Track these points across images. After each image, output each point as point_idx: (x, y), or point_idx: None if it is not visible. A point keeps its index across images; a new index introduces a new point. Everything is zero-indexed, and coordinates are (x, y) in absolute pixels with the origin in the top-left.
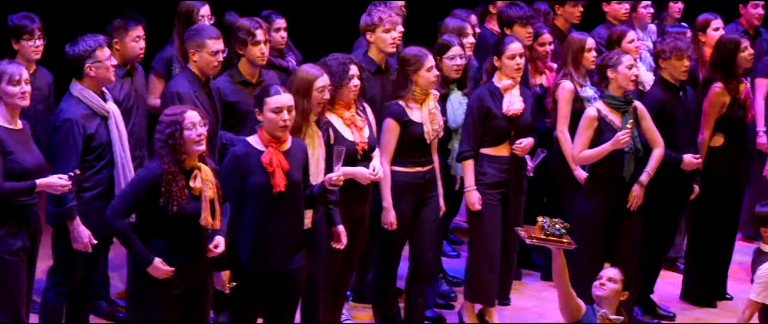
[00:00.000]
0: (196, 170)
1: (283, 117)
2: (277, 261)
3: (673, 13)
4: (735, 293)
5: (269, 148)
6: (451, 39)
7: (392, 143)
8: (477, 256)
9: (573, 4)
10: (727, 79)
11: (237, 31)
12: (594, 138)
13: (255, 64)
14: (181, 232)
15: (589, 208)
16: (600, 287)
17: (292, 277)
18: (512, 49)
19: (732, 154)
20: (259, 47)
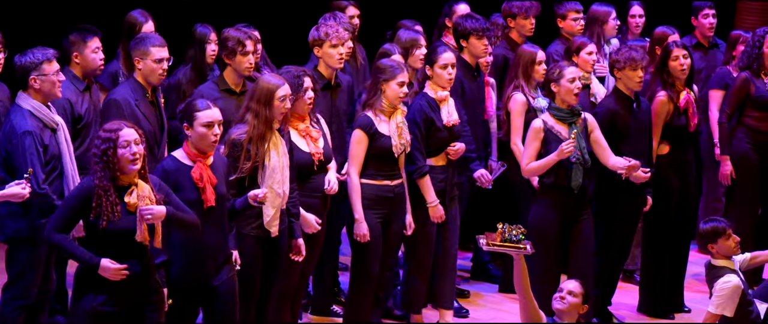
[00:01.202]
0: (133, 186)
1: (214, 131)
2: (210, 274)
3: (632, 28)
4: (693, 305)
5: (198, 162)
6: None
7: (361, 154)
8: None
9: (524, 17)
10: (666, 87)
11: (226, 41)
12: (542, 150)
13: (241, 74)
14: (117, 249)
15: (539, 218)
16: (560, 301)
17: (225, 288)
18: (445, 58)
19: (679, 163)
20: (248, 58)
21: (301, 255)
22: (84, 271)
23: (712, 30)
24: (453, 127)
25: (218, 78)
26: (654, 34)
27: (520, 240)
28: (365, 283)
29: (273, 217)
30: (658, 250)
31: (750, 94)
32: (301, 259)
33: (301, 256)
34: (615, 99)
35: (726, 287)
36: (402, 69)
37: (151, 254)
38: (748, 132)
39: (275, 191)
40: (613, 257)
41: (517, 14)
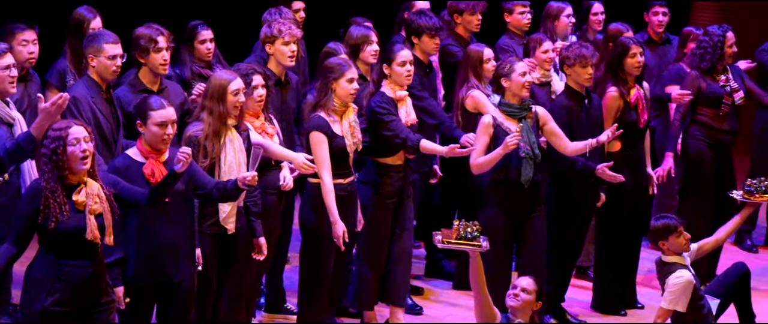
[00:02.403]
0: (81, 185)
1: (167, 131)
2: (166, 271)
3: (593, 24)
4: (646, 301)
5: (150, 159)
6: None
7: (327, 155)
8: (367, 262)
9: (471, 13)
10: (618, 83)
11: (138, 40)
12: (492, 146)
13: (157, 73)
14: (68, 248)
15: (489, 215)
16: (514, 298)
17: (182, 286)
18: (403, 56)
19: (630, 159)
20: (161, 54)
21: (263, 254)
22: (35, 271)
23: (662, 27)
24: (412, 126)
25: (133, 79)
26: (608, 30)
27: (475, 237)
28: (320, 281)
29: (229, 214)
30: (611, 246)
31: (701, 91)
32: (263, 258)
33: (263, 255)
34: (566, 96)
35: (678, 283)
36: (350, 65)
37: (103, 253)
38: (702, 129)
39: None
40: (566, 254)
41: (464, 10)
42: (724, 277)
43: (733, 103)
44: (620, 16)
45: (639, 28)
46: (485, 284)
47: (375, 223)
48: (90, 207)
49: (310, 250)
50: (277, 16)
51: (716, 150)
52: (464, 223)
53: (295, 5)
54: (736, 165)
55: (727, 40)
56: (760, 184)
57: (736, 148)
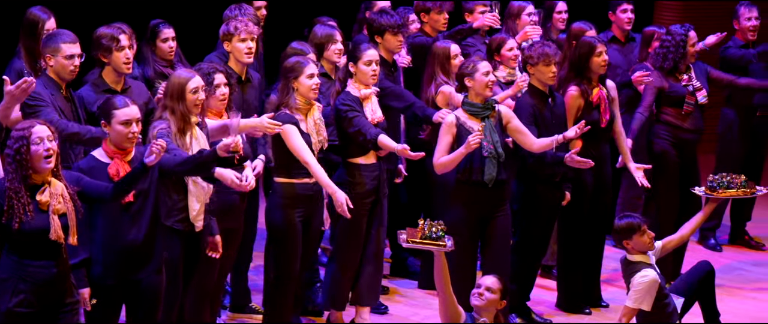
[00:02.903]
0: (45, 184)
1: (132, 129)
2: (131, 271)
3: (557, 23)
4: (611, 300)
5: (115, 159)
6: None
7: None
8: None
9: (438, 12)
10: (581, 82)
11: (100, 39)
12: (455, 145)
13: (120, 72)
14: (32, 249)
15: (454, 214)
16: (478, 297)
17: (149, 286)
18: (369, 55)
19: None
20: (124, 53)
21: (219, 252)
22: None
23: (631, 24)
24: (378, 124)
25: (97, 79)
26: (571, 29)
27: (440, 236)
28: (286, 281)
29: (199, 212)
30: (574, 245)
31: (664, 91)
32: (218, 255)
33: (218, 252)
34: (530, 94)
35: (643, 282)
36: (308, 62)
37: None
38: (666, 128)
39: (200, 185)
40: (531, 253)
41: (431, 9)
42: (688, 276)
43: (696, 102)
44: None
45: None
46: (450, 283)
47: (351, 224)
48: (54, 207)
49: (276, 250)
50: (237, 13)
51: (680, 149)
52: (429, 223)
53: (256, 3)
54: (701, 164)
55: (689, 40)
56: (722, 179)
57: (702, 146)
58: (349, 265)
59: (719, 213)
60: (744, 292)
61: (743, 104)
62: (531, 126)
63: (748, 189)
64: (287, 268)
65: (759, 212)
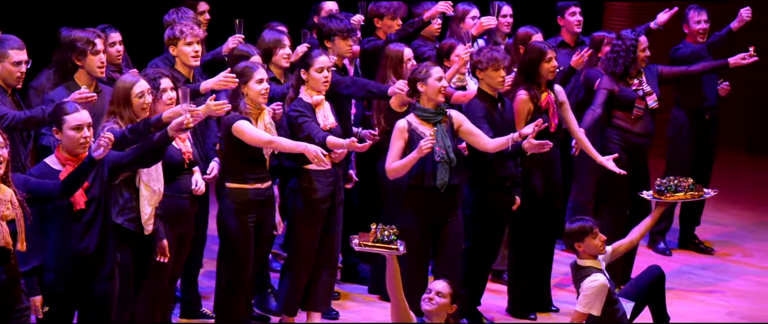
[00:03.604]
0: None
1: (84, 134)
2: (83, 278)
3: (502, 27)
4: (561, 304)
5: (67, 165)
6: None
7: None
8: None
9: (392, 18)
10: (530, 87)
11: (75, 42)
12: (407, 150)
13: (93, 75)
14: None
15: (405, 220)
16: (428, 302)
17: (101, 292)
18: (321, 61)
19: (541, 163)
20: (99, 57)
21: (166, 256)
22: None
23: (580, 27)
24: (330, 130)
25: (70, 81)
26: (518, 34)
27: (392, 240)
28: (238, 287)
29: (150, 215)
30: (524, 250)
31: (615, 95)
32: (166, 259)
33: (166, 257)
34: (479, 99)
35: (593, 286)
36: (257, 67)
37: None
38: (617, 132)
39: (151, 188)
40: (482, 258)
41: (384, 14)
42: (638, 280)
43: (646, 107)
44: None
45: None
46: (402, 288)
47: (306, 231)
48: (2, 213)
49: (228, 256)
50: (174, 17)
51: (631, 153)
52: (381, 227)
53: (200, 7)
54: (652, 168)
55: (639, 45)
56: (670, 183)
57: (653, 151)
58: (304, 272)
59: (669, 216)
60: (693, 296)
61: (693, 107)
62: (484, 125)
63: (696, 192)
64: (239, 273)
65: (708, 215)
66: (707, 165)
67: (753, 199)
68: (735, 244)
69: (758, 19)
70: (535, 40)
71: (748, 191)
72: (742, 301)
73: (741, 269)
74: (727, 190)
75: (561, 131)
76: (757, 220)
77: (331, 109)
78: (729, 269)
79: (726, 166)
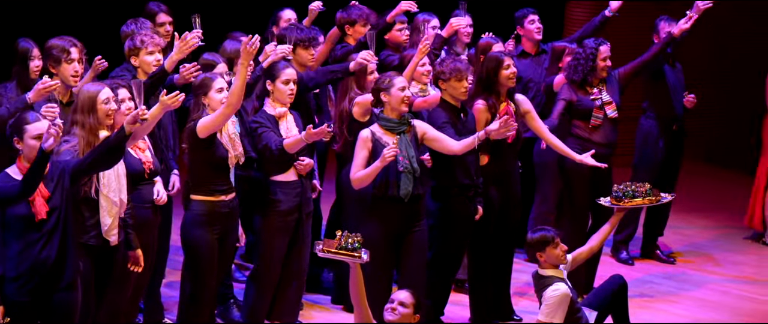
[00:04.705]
0: None
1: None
2: (44, 288)
3: (462, 37)
4: (523, 313)
5: None
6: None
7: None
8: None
9: (363, 24)
10: (488, 96)
11: (50, 50)
12: (371, 160)
13: (67, 84)
14: None
15: (369, 230)
16: (391, 312)
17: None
18: (287, 74)
19: (498, 173)
20: (73, 66)
21: (140, 265)
22: None
23: (540, 33)
24: None
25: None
26: (479, 44)
27: (356, 248)
28: (203, 298)
29: (111, 226)
30: (482, 260)
31: (573, 103)
32: (140, 269)
33: (139, 267)
34: (442, 109)
35: (555, 296)
36: (217, 77)
37: None
38: (576, 141)
39: (111, 200)
40: (445, 268)
41: (356, 21)
42: (601, 290)
43: (605, 116)
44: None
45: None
46: (365, 296)
47: (271, 242)
48: None
49: (192, 267)
50: (134, 28)
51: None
52: (346, 234)
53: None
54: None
55: (599, 54)
56: (627, 189)
57: (621, 160)
58: (270, 283)
59: (634, 223)
60: (656, 305)
61: (662, 115)
62: (448, 129)
63: (654, 197)
64: (203, 284)
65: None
66: (672, 174)
67: (713, 208)
68: (696, 253)
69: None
70: (495, 49)
71: (709, 200)
72: (704, 310)
73: (703, 278)
74: (688, 199)
75: (519, 142)
76: (718, 230)
77: (297, 121)
78: (691, 278)
79: (686, 175)
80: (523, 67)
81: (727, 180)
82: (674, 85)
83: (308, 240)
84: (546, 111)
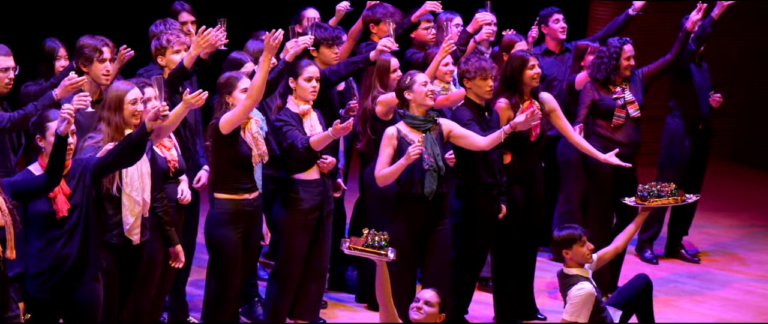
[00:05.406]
0: None
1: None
2: (66, 285)
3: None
4: (548, 312)
5: None
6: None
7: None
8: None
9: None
10: (512, 95)
11: (82, 49)
12: (396, 158)
13: (98, 83)
14: None
15: (393, 228)
16: (417, 311)
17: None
18: (309, 71)
19: (522, 172)
20: (104, 65)
21: (180, 261)
22: None
23: (565, 33)
24: None
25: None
26: (503, 41)
27: (382, 246)
28: (227, 296)
29: (133, 225)
30: (506, 260)
31: (595, 103)
32: (180, 265)
33: (180, 262)
34: (466, 107)
35: (579, 295)
36: (242, 76)
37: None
38: (598, 140)
39: (134, 199)
40: (469, 267)
41: (380, 20)
42: (626, 289)
43: (627, 116)
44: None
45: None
46: (391, 295)
47: (292, 240)
48: None
49: (216, 265)
50: (162, 28)
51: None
52: (373, 232)
53: (181, 17)
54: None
55: (623, 53)
56: (652, 188)
57: (646, 159)
58: (291, 281)
59: (659, 223)
60: (680, 304)
61: (688, 114)
62: (474, 126)
63: (679, 197)
64: (228, 282)
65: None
66: (698, 173)
67: (739, 207)
68: (722, 252)
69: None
70: (519, 47)
71: (734, 200)
72: (729, 309)
73: (728, 277)
74: (714, 199)
75: (542, 140)
76: (743, 229)
77: (320, 119)
78: (716, 277)
79: (712, 174)
80: (547, 65)
81: (753, 179)
82: (700, 84)
83: (329, 238)
84: (569, 109)
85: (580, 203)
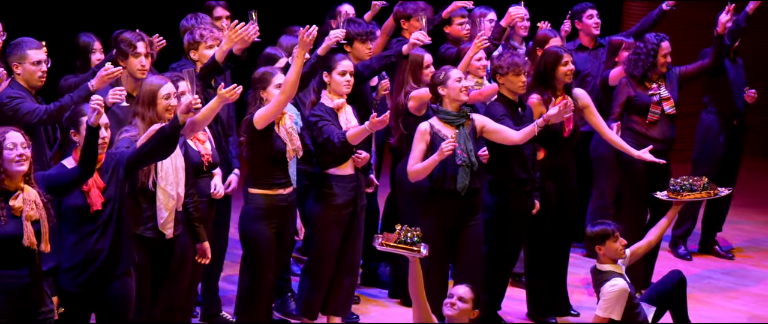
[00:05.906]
0: (18, 191)
1: (101, 135)
2: (98, 279)
3: (519, 30)
4: (581, 308)
5: None
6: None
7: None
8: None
9: (417, 19)
10: (545, 91)
11: (118, 43)
12: (429, 153)
13: (134, 77)
14: (5, 256)
15: (425, 224)
16: (450, 307)
17: (117, 294)
18: (343, 65)
19: (554, 168)
20: (139, 59)
21: (207, 258)
22: None
23: (598, 29)
24: None
25: (116, 82)
26: (536, 36)
27: (415, 242)
28: (260, 291)
29: (167, 220)
30: (539, 256)
31: (631, 99)
32: (207, 261)
33: (207, 259)
34: (500, 103)
35: (613, 291)
36: (276, 72)
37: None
38: (633, 136)
39: (168, 193)
40: (502, 262)
41: (411, 15)
42: (659, 285)
43: (662, 112)
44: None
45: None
46: (424, 291)
47: (325, 235)
48: (27, 213)
49: (250, 260)
50: (194, 22)
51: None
52: (406, 228)
53: (216, 12)
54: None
55: (660, 50)
56: (684, 182)
57: (681, 155)
58: (324, 276)
59: (692, 219)
60: (714, 301)
61: (722, 111)
62: (507, 121)
63: (711, 190)
64: (260, 277)
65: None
66: (733, 169)
67: None
68: (756, 248)
69: None
70: (553, 43)
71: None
72: (762, 306)
73: (762, 274)
74: (748, 195)
75: (575, 136)
76: None
77: (354, 113)
78: (750, 274)
79: (746, 171)
80: (581, 61)
81: None
82: (735, 80)
83: (361, 233)
84: (602, 105)
85: (613, 199)
